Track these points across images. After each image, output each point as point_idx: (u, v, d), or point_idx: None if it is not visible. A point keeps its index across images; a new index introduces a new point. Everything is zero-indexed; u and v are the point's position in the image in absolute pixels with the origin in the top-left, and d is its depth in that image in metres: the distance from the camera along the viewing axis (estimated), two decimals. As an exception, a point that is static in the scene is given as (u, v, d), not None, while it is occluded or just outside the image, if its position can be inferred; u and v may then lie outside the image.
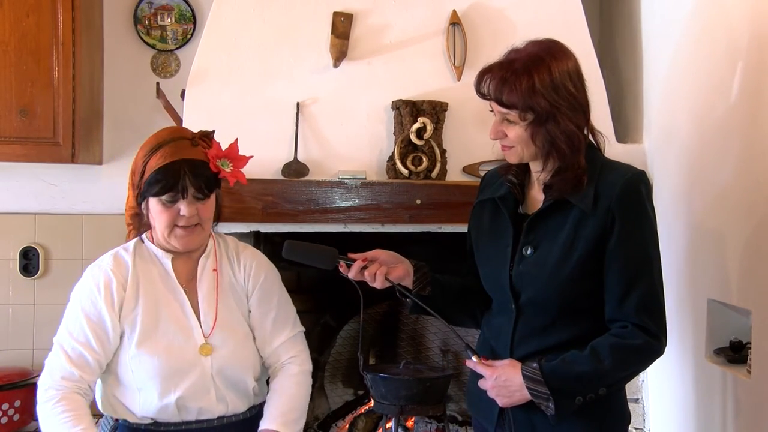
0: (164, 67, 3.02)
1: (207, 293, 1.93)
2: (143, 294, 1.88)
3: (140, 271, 1.90)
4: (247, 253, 2.03)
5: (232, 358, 1.91)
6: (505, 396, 1.70)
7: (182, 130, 1.93)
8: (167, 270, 1.92)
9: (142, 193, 1.85)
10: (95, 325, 1.85)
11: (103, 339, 1.85)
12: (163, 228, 1.85)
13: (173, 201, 1.82)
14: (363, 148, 2.64)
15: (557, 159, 1.67)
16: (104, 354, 1.86)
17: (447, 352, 3.08)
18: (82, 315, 1.86)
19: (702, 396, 2.24)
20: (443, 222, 2.58)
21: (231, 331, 1.93)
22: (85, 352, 1.84)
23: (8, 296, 2.92)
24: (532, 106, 1.62)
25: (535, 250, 1.71)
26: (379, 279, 1.78)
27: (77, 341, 1.85)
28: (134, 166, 1.88)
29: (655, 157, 2.62)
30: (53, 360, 1.86)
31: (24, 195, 2.95)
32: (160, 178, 1.80)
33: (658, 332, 1.65)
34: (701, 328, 2.21)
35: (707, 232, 2.21)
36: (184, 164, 1.81)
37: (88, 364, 1.84)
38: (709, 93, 2.20)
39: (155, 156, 1.82)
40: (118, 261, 1.91)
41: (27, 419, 2.72)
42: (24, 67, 2.64)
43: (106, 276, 1.89)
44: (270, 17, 2.65)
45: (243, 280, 1.99)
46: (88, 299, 1.88)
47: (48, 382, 1.83)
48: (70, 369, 1.83)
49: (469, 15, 2.67)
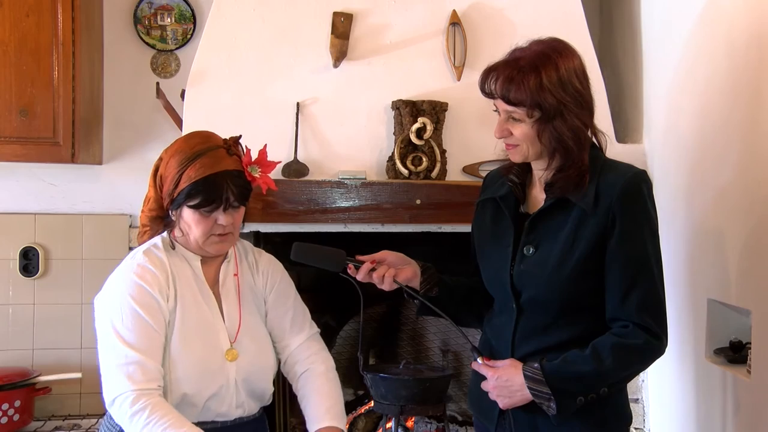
0: (164, 67, 3.02)
1: (231, 298, 1.91)
2: (180, 293, 1.84)
3: (176, 270, 1.86)
4: (265, 259, 2.02)
5: (255, 365, 1.90)
6: (506, 396, 1.70)
7: (213, 137, 1.88)
8: (197, 272, 1.89)
9: (176, 201, 1.81)
10: (152, 309, 1.77)
11: (161, 323, 1.78)
12: (199, 236, 1.83)
13: (212, 211, 1.80)
14: (363, 148, 2.64)
15: (562, 156, 1.67)
16: (164, 338, 1.78)
17: (447, 352, 3.08)
18: (135, 304, 1.77)
19: (702, 396, 2.24)
20: (443, 222, 2.59)
21: (253, 336, 1.91)
22: (151, 337, 1.76)
23: (8, 296, 2.91)
24: (539, 103, 1.62)
25: (536, 249, 1.71)
26: (388, 281, 1.78)
27: (137, 328, 1.75)
28: (165, 172, 1.83)
29: (655, 157, 2.62)
30: (116, 368, 1.74)
31: (24, 195, 2.94)
32: (203, 190, 1.78)
33: (659, 332, 1.66)
34: (701, 328, 2.21)
35: (707, 232, 2.21)
36: (227, 176, 1.80)
37: (155, 348, 1.76)
38: (709, 93, 2.20)
39: (193, 166, 1.78)
40: (153, 258, 1.84)
41: (27, 419, 2.72)
42: (24, 67, 2.64)
43: (148, 271, 1.81)
44: (270, 17, 2.65)
45: (262, 285, 1.98)
46: (137, 290, 1.78)
47: (124, 390, 1.71)
48: (142, 361, 1.72)
49: (469, 15, 2.67)
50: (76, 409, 2.92)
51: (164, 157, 1.86)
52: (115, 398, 1.74)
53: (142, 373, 1.73)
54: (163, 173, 1.84)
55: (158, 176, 1.85)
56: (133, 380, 1.72)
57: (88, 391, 2.92)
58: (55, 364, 2.88)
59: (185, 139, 1.88)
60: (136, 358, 1.73)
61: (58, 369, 2.84)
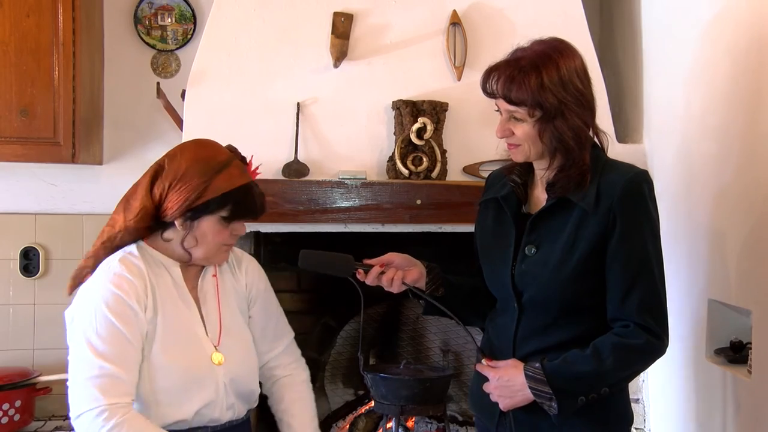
0: (164, 67, 3.02)
1: (210, 300, 1.89)
2: (160, 302, 1.79)
3: (154, 278, 1.81)
4: (246, 259, 2.02)
5: (242, 367, 1.89)
6: (507, 396, 1.70)
7: (222, 147, 1.86)
8: (176, 278, 1.85)
9: (196, 211, 1.77)
10: (128, 319, 1.71)
11: (137, 335, 1.73)
12: (213, 246, 1.81)
13: (232, 221, 1.81)
14: (363, 148, 2.64)
15: (563, 156, 1.68)
16: (140, 351, 1.73)
17: (447, 352, 3.08)
18: (110, 314, 1.70)
19: (702, 396, 2.24)
20: (444, 222, 2.58)
21: (236, 337, 1.90)
22: (125, 348, 1.69)
23: (9, 296, 2.91)
24: (540, 102, 1.63)
25: (537, 249, 1.71)
26: (396, 283, 1.79)
27: (112, 339, 1.68)
28: (178, 183, 1.76)
29: (655, 157, 2.62)
30: (86, 380, 1.67)
31: (24, 195, 2.94)
32: (238, 200, 1.78)
33: (660, 332, 1.66)
34: (701, 328, 2.21)
35: (707, 232, 2.21)
36: (254, 188, 1.84)
37: (130, 360, 1.70)
38: (710, 93, 2.20)
39: (221, 177, 1.76)
40: (130, 266, 1.78)
41: (27, 419, 2.72)
42: (24, 67, 2.64)
43: (125, 279, 1.75)
44: (270, 17, 2.65)
45: (245, 285, 1.97)
46: (113, 299, 1.72)
47: (95, 405, 1.64)
48: (116, 374, 1.66)
49: (470, 15, 2.67)
50: (76, 409, 2.92)
51: (169, 166, 1.79)
52: (83, 413, 1.65)
53: (114, 386, 1.66)
54: (172, 183, 1.77)
55: (159, 186, 1.78)
56: (106, 393, 1.65)
57: (89, 391, 2.92)
58: (55, 364, 2.88)
59: (197, 149, 1.82)
60: (109, 370, 1.66)
61: (58, 369, 2.83)
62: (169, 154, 1.84)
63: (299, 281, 3.00)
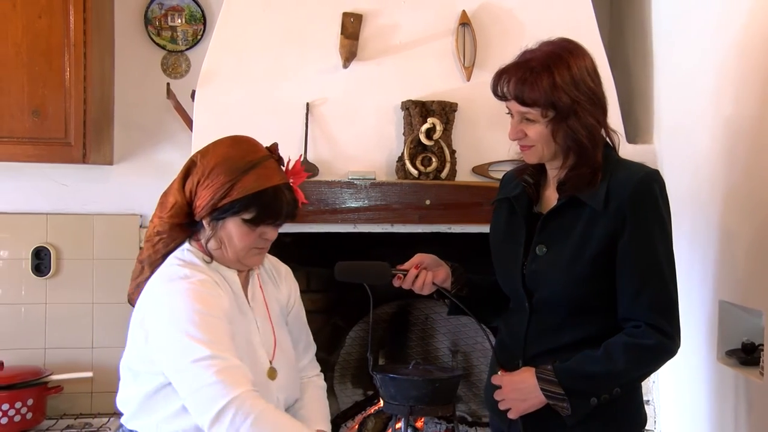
0: (174, 67, 3.03)
1: (262, 312, 1.78)
2: (226, 310, 1.67)
3: (220, 286, 1.70)
4: (284, 268, 1.93)
5: (290, 382, 1.80)
6: (519, 399, 1.69)
7: (259, 145, 1.74)
8: (235, 288, 1.74)
9: (221, 212, 1.66)
10: (219, 320, 1.60)
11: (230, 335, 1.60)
12: (241, 249, 1.69)
13: (261, 225, 1.69)
14: (372, 149, 2.65)
15: (577, 155, 1.67)
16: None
17: (456, 353, 3.08)
18: (206, 314, 1.58)
19: (714, 398, 2.23)
20: (453, 222, 2.58)
21: (286, 352, 1.82)
22: (226, 333, 1.59)
23: (20, 296, 2.93)
24: (554, 102, 1.62)
25: (547, 249, 1.71)
26: (428, 286, 1.79)
27: (216, 333, 1.57)
28: (205, 180, 1.67)
29: (665, 158, 2.61)
30: (206, 373, 1.53)
31: (36, 195, 2.96)
32: (262, 203, 1.65)
33: (672, 332, 1.65)
34: (713, 330, 2.20)
35: (717, 232, 2.19)
36: (283, 189, 1.69)
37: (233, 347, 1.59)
38: (720, 93, 2.19)
39: (248, 177, 1.65)
40: (196, 274, 1.66)
41: (39, 417, 2.74)
42: (36, 68, 2.66)
43: (201, 283, 1.63)
44: (280, 18, 2.66)
45: (286, 296, 1.88)
46: (200, 300, 1.59)
47: (229, 395, 1.51)
48: (235, 363, 1.55)
49: (479, 15, 2.67)
50: (87, 407, 2.94)
51: (201, 161, 1.70)
52: (222, 408, 1.51)
53: (243, 374, 1.56)
54: (201, 179, 1.68)
55: (191, 181, 1.69)
56: (234, 384, 1.53)
57: (99, 390, 2.94)
58: (66, 363, 2.90)
59: (230, 146, 1.72)
60: (228, 360, 1.56)
61: (69, 368, 2.86)
62: (203, 149, 1.73)
63: (308, 282, 3.00)
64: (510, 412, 1.72)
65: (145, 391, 1.66)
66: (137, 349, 1.68)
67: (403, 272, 1.80)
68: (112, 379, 2.94)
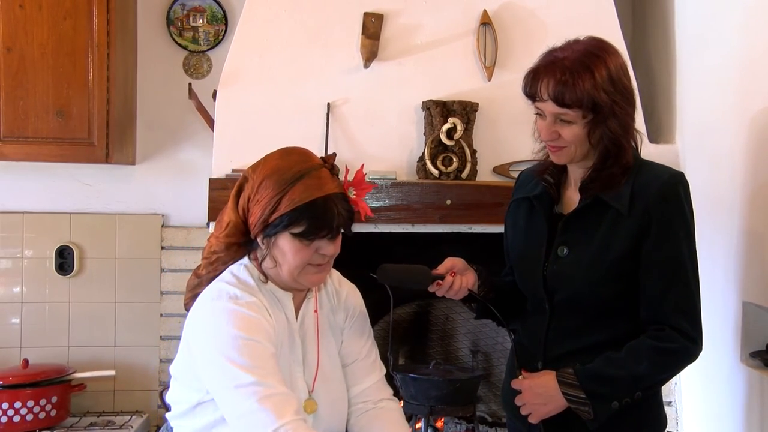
0: (196, 68, 3.05)
1: (310, 339, 1.69)
2: (270, 335, 1.59)
3: (270, 310, 1.62)
4: (346, 289, 1.81)
5: (333, 416, 1.70)
6: (540, 404, 1.68)
7: (312, 155, 1.64)
8: (288, 313, 1.66)
9: (272, 227, 1.57)
10: (263, 345, 1.53)
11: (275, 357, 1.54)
12: (295, 267, 1.59)
13: (316, 239, 1.58)
14: (393, 149, 2.65)
15: (613, 154, 1.64)
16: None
17: (477, 353, 3.07)
18: (248, 339, 1.52)
19: (737, 400, 2.21)
20: (474, 222, 2.58)
21: (331, 382, 1.70)
22: (271, 360, 1.53)
23: (45, 294, 2.97)
24: (595, 103, 1.59)
25: (570, 250, 1.69)
26: (462, 291, 1.75)
27: (260, 358, 1.50)
28: (255, 195, 1.59)
29: (688, 158, 2.59)
30: (250, 401, 1.47)
31: (60, 195, 3.00)
32: (311, 215, 1.55)
33: (695, 335, 1.63)
34: (736, 331, 2.18)
35: (742, 233, 2.17)
36: (335, 200, 1.58)
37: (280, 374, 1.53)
38: (744, 92, 2.16)
39: (296, 189, 1.55)
40: (245, 295, 1.59)
41: (63, 415, 2.77)
42: (61, 69, 2.69)
43: (248, 306, 1.57)
44: (301, 18, 2.67)
45: (342, 319, 1.78)
46: (243, 324, 1.53)
47: (273, 425, 1.45)
48: (281, 390, 1.49)
49: (500, 15, 2.66)
50: (110, 405, 2.97)
51: (251, 176, 1.61)
52: None
53: (284, 403, 1.49)
54: (251, 195, 1.59)
55: (243, 198, 1.61)
56: (280, 413, 1.47)
57: (122, 389, 2.97)
58: (89, 361, 2.93)
59: (280, 157, 1.62)
60: (272, 387, 1.50)
61: (92, 366, 2.89)
62: (254, 164, 1.64)
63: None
64: (531, 417, 1.70)
65: (188, 399, 1.63)
66: (184, 359, 1.64)
67: (441, 277, 1.76)
68: (134, 377, 3.00)
